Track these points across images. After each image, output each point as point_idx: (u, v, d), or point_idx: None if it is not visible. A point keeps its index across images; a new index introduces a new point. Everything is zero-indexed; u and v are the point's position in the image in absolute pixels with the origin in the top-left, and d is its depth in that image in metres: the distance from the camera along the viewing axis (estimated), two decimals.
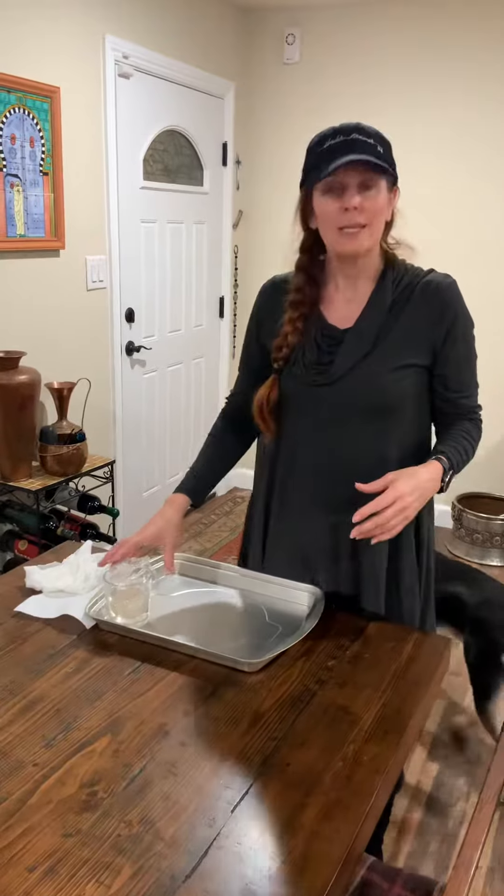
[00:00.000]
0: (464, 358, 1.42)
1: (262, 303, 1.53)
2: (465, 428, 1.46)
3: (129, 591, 1.40)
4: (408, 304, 1.39)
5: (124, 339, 3.33)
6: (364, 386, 1.38)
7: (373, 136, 1.29)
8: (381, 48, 3.64)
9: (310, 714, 1.17)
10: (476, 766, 2.21)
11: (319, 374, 1.41)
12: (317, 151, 1.30)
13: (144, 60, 3.15)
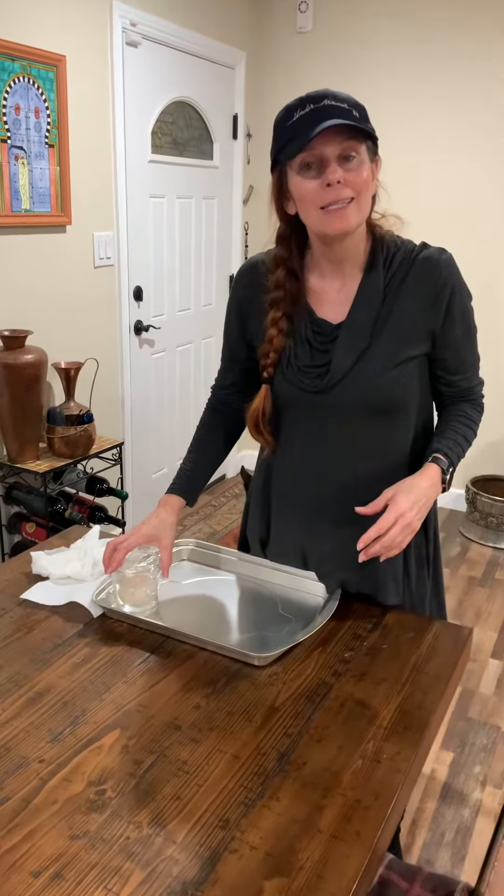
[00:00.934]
0: (463, 337, 1.32)
1: (242, 292, 1.39)
2: (463, 411, 1.38)
3: (137, 578, 1.35)
4: (402, 287, 1.27)
5: (132, 318, 3.27)
6: (365, 387, 1.27)
7: (346, 101, 1.15)
8: (396, 15, 3.52)
9: (326, 709, 1.12)
10: (491, 755, 2.17)
11: (316, 379, 1.29)
12: (286, 126, 1.17)
13: (153, 28, 3.05)
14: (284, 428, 1.39)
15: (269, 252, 1.36)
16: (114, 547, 1.34)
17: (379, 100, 3.57)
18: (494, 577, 3.25)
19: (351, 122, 1.13)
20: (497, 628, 2.85)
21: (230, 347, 1.48)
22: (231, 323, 1.44)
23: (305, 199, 1.19)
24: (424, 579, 1.46)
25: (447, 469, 1.30)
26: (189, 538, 1.58)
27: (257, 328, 1.36)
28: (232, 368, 1.50)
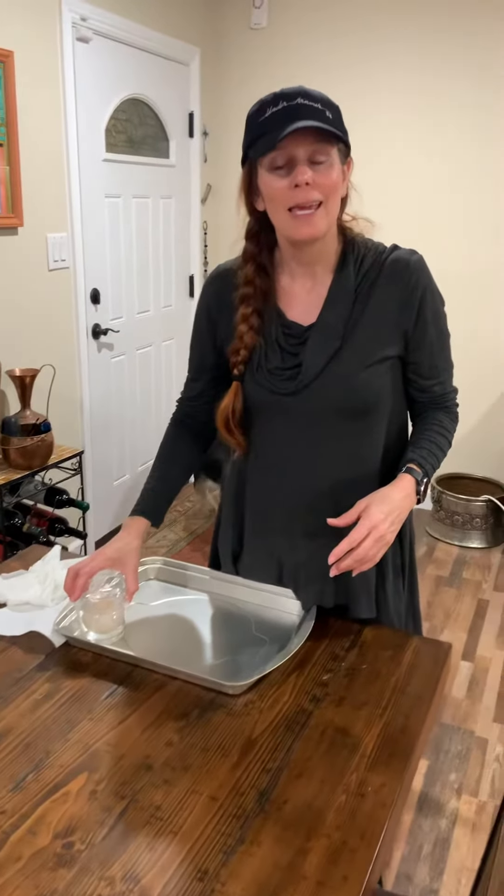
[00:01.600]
0: (436, 341, 1.29)
1: (211, 298, 1.35)
2: (438, 419, 1.34)
3: (102, 603, 1.27)
4: (373, 289, 1.24)
5: (90, 321, 3.17)
6: (337, 389, 1.24)
7: (319, 101, 1.12)
8: (353, 12, 3.49)
9: (306, 739, 1.07)
10: (466, 762, 2.15)
11: (286, 381, 1.26)
12: (257, 122, 1.14)
13: (104, 23, 2.96)
14: (256, 432, 1.34)
15: (237, 259, 1.32)
16: (76, 572, 1.26)
17: (334, 97, 3.52)
18: (462, 577, 3.24)
19: (323, 123, 1.10)
20: (466, 629, 2.83)
21: (199, 356, 1.41)
22: (200, 330, 1.38)
23: (274, 199, 1.16)
24: (400, 591, 1.42)
25: (421, 480, 1.25)
26: (156, 556, 1.51)
27: (228, 334, 1.31)
28: (200, 378, 1.43)
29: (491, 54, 3.31)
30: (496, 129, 3.39)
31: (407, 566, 1.44)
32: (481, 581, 3.21)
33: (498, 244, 3.50)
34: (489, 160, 3.43)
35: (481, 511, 3.49)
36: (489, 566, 3.35)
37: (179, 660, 1.21)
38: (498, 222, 3.49)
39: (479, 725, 2.28)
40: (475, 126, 3.41)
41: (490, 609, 2.98)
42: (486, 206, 3.49)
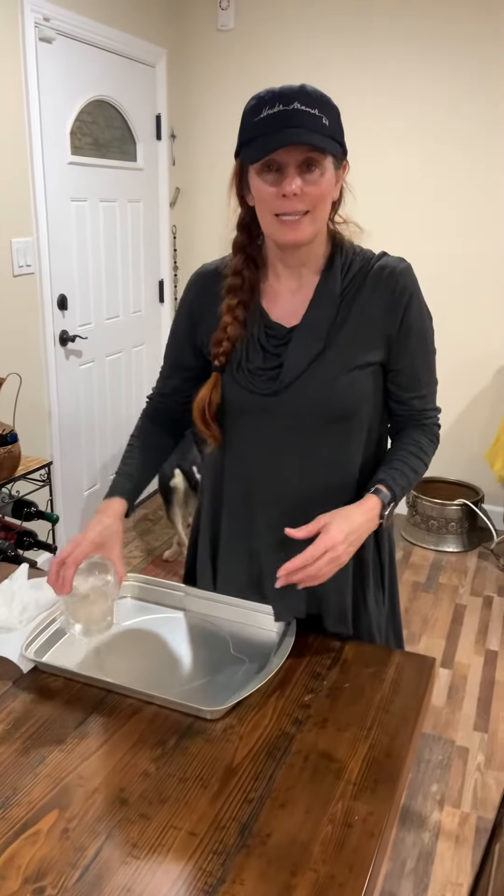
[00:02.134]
0: (419, 351, 1.25)
1: (194, 297, 1.32)
2: (415, 439, 1.29)
3: (93, 593, 1.20)
4: (359, 294, 1.21)
5: (57, 328, 3.10)
6: (318, 391, 1.21)
7: (317, 104, 1.08)
8: (321, 14, 3.46)
9: (289, 766, 1.02)
10: (447, 772, 2.12)
11: (267, 381, 1.23)
12: (252, 122, 1.10)
13: (68, 23, 2.90)
14: (232, 432, 1.31)
15: (221, 260, 1.30)
16: (61, 562, 1.18)
17: None
18: (438, 581, 3.22)
19: (317, 133, 1.07)
20: (444, 635, 2.81)
21: (175, 353, 1.38)
22: (179, 327, 1.35)
23: (262, 202, 1.15)
24: (380, 604, 1.39)
25: (388, 503, 1.22)
26: (131, 574, 1.45)
27: (209, 333, 1.28)
28: (174, 376, 1.39)
29: (464, 50, 3.31)
30: (478, 130, 3.39)
31: (387, 578, 1.40)
32: (458, 586, 3.19)
33: (471, 246, 3.50)
34: (470, 159, 3.42)
35: (456, 515, 3.48)
36: (465, 570, 3.33)
37: (155, 683, 1.16)
38: (482, 224, 3.49)
39: (459, 734, 2.26)
40: (455, 127, 3.40)
41: (467, 614, 2.97)
42: (471, 207, 3.49)
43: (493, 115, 3.32)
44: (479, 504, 3.55)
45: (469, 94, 3.34)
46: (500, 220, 3.43)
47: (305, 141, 1.06)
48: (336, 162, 1.14)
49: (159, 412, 1.43)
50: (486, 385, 3.63)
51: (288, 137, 1.06)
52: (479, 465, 3.70)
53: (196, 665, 1.24)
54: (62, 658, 1.23)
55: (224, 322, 1.24)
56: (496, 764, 2.15)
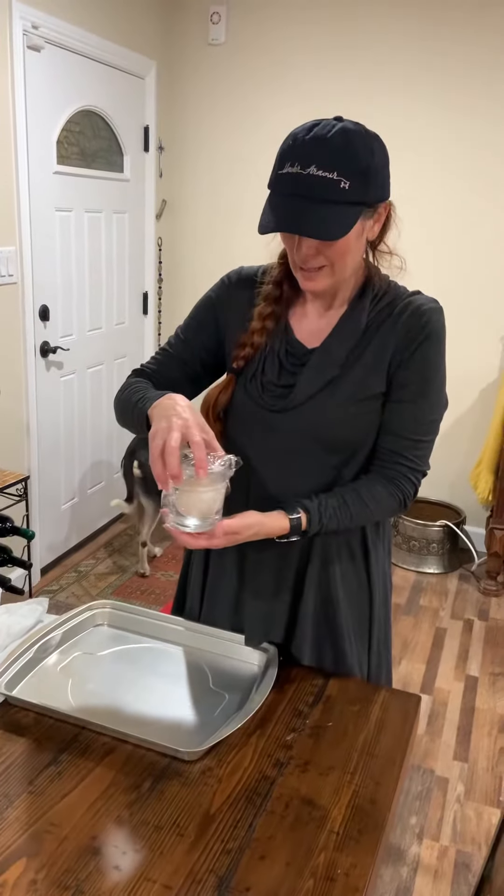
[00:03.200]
0: (417, 392, 1.18)
1: (226, 296, 1.29)
2: (371, 489, 1.20)
3: (211, 476, 1.05)
4: (383, 326, 1.19)
5: (38, 339, 3.04)
6: (324, 418, 1.19)
7: (338, 164, 1.03)
8: (312, 29, 3.46)
9: (269, 813, 0.98)
10: (427, 803, 2.08)
11: (277, 398, 1.21)
12: (276, 172, 1.08)
13: (57, 32, 2.86)
14: (231, 440, 1.27)
15: (261, 266, 1.30)
16: (160, 453, 1.04)
17: (291, 116, 3.49)
18: (419, 604, 3.20)
19: (327, 208, 1.04)
20: (425, 660, 2.78)
21: (183, 342, 1.32)
22: (198, 317, 1.31)
23: (287, 250, 1.17)
24: (364, 637, 1.34)
25: (299, 528, 1.17)
26: (107, 601, 1.41)
27: (233, 335, 1.26)
28: (169, 363, 1.32)
29: (442, 67, 3.32)
30: (458, 148, 3.39)
31: (377, 606, 1.35)
32: (438, 608, 3.17)
33: (455, 269, 3.50)
34: (452, 175, 3.43)
35: (438, 536, 3.46)
36: (446, 592, 3.31)
37: (131, 719, 1.12)
38: (465, 249, 3.49)
39: (439, 764, 2.22)
40: (449, 146, 3.41)
41: (448, 638, 2.94)
42: (454, 233, 3.49)
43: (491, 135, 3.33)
44: (461, 525, 3.54)
45: (458, 110, 3.35)
46: (482, 245, 3.43)
47: (307, 234, 1.06)
48: (366, 214, 1.10)
49: (149, 378, 1.33)
50: (469, 406, 3.63)
51: (291, 223, 1.06)
52: (462, 486, 3.68)
53: (173, 700, 1.19)
54: (34, 690, 1.18)
55: (253, 327, 1.24)
56: (476, 795, 2.11)
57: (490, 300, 3.49)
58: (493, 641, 2.93)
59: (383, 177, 1.11)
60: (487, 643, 2.92)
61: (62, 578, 3.24)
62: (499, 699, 2.56)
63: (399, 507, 1.24)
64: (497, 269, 3.45)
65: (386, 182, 1.12)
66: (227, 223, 3.80)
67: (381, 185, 1.10)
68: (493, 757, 2.27)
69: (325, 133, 1.05)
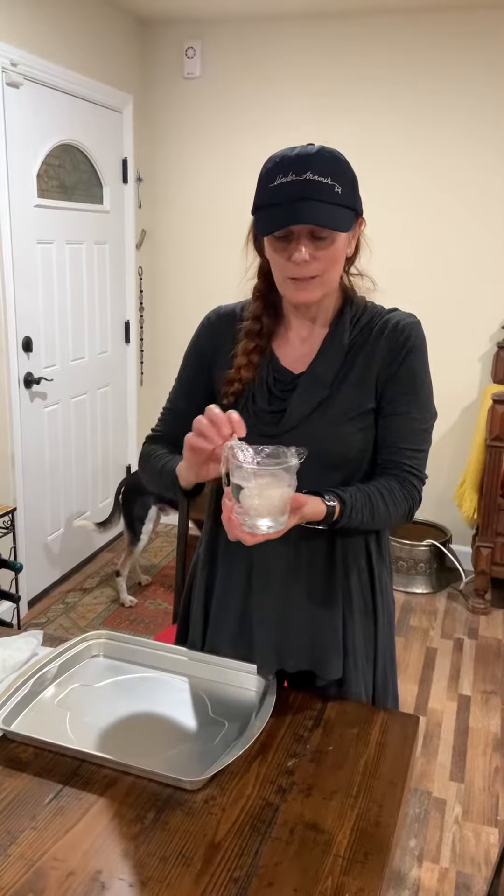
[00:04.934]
0: (407, 404, 1.23)
1: (208, 340, 1.33)
2: (387, 483, 1.23)
3: (281, 473, 1.01)
4: (366, 344, 1.24)
5: (22, 370, 3.05)
6: (318, 438, 1.21)
7: (331, 172, 1.10)
8: (285, 64, 3.54)
9: (275, 839, 0.98)
10: (425, 825, 2.07)
11: (270, 425, 1.24)
12: (267, 187, 1.13)
13: (35, 69, 2.90)
14: None
15: (239, 303, 1.33)
16: (212, 415, 1.05)
17: (265, 147, 3.56)
18: (409, 624, 3.20)
19: (328, 205, 1.10)
20: (417, 680, 2.78)
21: (188, 389, 1.35)
22: (189, 366, 1.35)
23: (274, 264, 1.19)
24: (370, 658, 1.35)
25: (331, 518, 1.17)
26: (102, 632, 1.40)
27: (222, 374, 1.29)
28: (185, 411, 1.32)
29: (411, 96, 3.40)
30: (437, 173, 3.47)
31: (382, 627, 1.36)
32: (428, 628, 3.18)
33: (440, 289, 3.56)
34: (432, 210, 3.50)
35: (425, 556, 3.48)
36: (435, 612, 3.32)
37: (131, 750, 1.11)
38: (450, 268, 3.55)
39: (436, 785, 2.22)
40: (407, 164, 3.48)
41: (438, 657, 2.95)
42: (436, 251, 3.55)
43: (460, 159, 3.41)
44: (448, 544, 3.56)
45: (436, 129, 3.43)
46: (461, 266, 3.50)
47: (313, 222, 1.09)
48: (350, 223, 1.16)
49: (164, 443, 1.36)
50: (451, 425, 3.67)
51: (297, 216, 1.10)
52: (447, 505, 3.71)
53: (173, 729, 1.19)
54: (32, 725, 1.17)
55: (238, 363, 1.26)
56: (474, 815, 2.11)
57: (469, 320, 3.55)
58: (484, 660, 2.94)
59: (359, 193, 1.18)
60: (478, 661, 2.93)
61: (50, 610, 3.21)
62: (492, 718, 2.56)
63: (408, 512, 1.27)
64: (475, 290, 3.52)
65: (360, 199, 1.19)
66: (206, 251, 3.84)
67: (359, 198, 1.18)
68: (488, 776, 2.27)
69: (310, 150, 1.13)
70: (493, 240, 3.44)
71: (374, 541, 1.32)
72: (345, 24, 3.41)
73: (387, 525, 1.29)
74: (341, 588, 1.29)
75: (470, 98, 3.34)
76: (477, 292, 3.52)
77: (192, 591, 1.42)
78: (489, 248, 3.45)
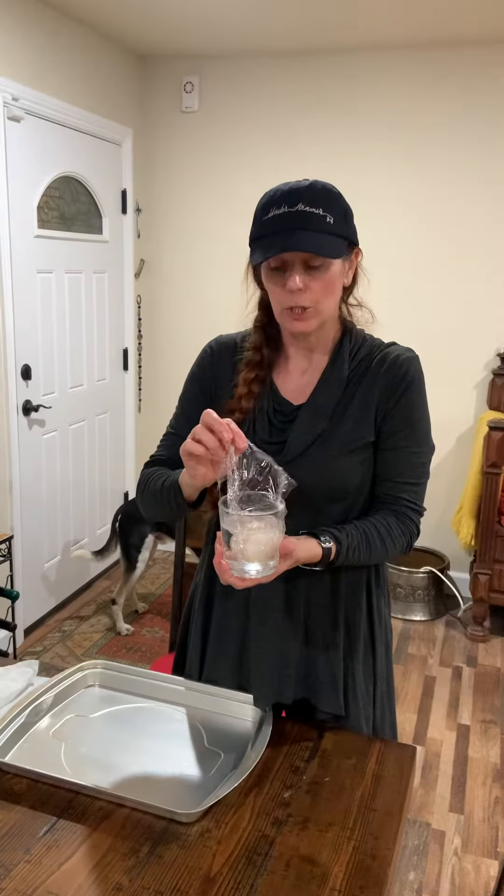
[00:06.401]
0: (406, 438, 1.24)
1: (210, 366, 1.33)
2: (385, 519, 1.24)
3: (259, 520, 1.03)
4: (365, 377, 1.25)
5: (21, 398, 3.07)
6: (318, 470, 1.22)
7: (323, 203, 1.13)
8: (281, 99, 3.61)
9: (270, 873, 0.97)
10: (424, 857, 2.05)
11: (270, 455, 1.24)
12: (261, 220, 1.16)
13: (36, 103, 2.96)
14: None
15: (240, 333, 1.35)
16: (213, 422, 1.06)
17: (262, 180, 3.62)
18: (407, 652, 3.19)
19: (321, 234, 1.12)
20: (416, 709, 2.76)
21: (187, 420, 1.33)
22: (191, 400, 1.34)
23: (271, 295, 1.21)
24: (370, 692, 1.34)
25: (327, 559, 1.18)
26: (97, 661, 1.40)
27: (221, 405, 1.29)
28: (177, 444, 1.32)
29: (411, 128, 3.47)
30: (430, 207, 3.52)
31: (381, 662, 1.36)
32: (427, 656, 3.16)
33: (436, 318, 3.59)
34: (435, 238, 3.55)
35: (423, 583, 3.47)
36: (433, 639, 3.31)
37: (126, 782, 1.11)
38: (444, 298, 3.59)
39: (434, 817, 2.19)
40: (404, 198, 3.53)
41: (437, 686, 2.93)
42: (429, 282, 3.59)
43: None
44: (446, 571, 3.55)
45: (430, 162, 3.49)
46: (457, 295, 3.54)
47: (304, 249, 1.12)
48: (344, 253, 1.18)
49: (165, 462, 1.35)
50: (447, 452, 3.68)
51: (288, 244, 1.12)
52: (444, 532, 3.72)
53: (169, 760, 1.18)
54: (27, 756, 1.16)
55: (239, 393, 1.27)
56: (473, 847, 2.08)
57: (466, 349, 3.58)
58: (483, 688, 2.93)
59: (354, 224, 1.20)
60: (477, 690, 2.91)
61: (46, 639, 3.19)
62: (491, 747, 2.54)
63: (406, 546, 1.27)
64: (471, 318, 3.56)
65: (356, 230, 1.21)
66: (203, 280, 3.89)
67: (354, 229, 1.20)
68: (488, 807, 2.25)
69: (302, 184, 1.15)
70: (489, 268, 3.48)
71: (374, 571, 1.33)
72: (341, 61, 3.48)
73: (384, 560, 1.29)
74: (342, 620, 1.29)
75: (464, 132, 3.40)
76: (473, 320, 3.55)
77: (190, 621, 1.42)
78: (485, 277, 3.50)
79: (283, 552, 1.09)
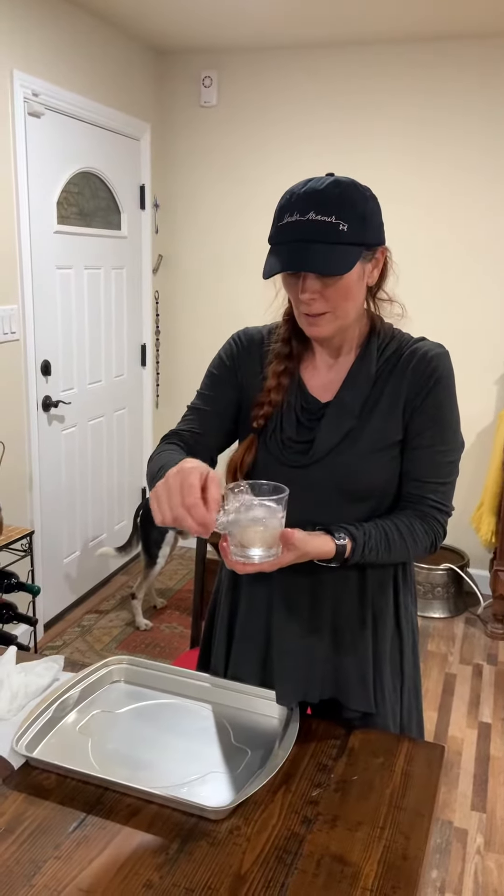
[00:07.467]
0: (433, 436, 1.22)
1: (238, 356, 1.31)
2: (408, 520, 1.22)
3: (262, 509, 1.06)
4: (392, 374, 1.22)
5: (40, 394, 3.07)
6: (346, 469, 1.21)
7: (336, 209, 1.09)
8: (300, 92, 3.59)
9: (301, 872, 0.96)
10: (446, 856, 2.03)
11: (297, 454, 1.23)
12: (276, 224, 1.14)
13: (56, 99, 2.96)
14: None
15: (266, 326, 1.33)
16: (193, 480, 1.00)
17: (281, 174, 3.60)
18: (427, 650, 3.17)
19: (331, 245, 1.08)
20: (436, 707, 2.75)
21: (212, 396, 1.33)
22: (215, 375, 1.33)
23: (290, 297, 1.21)
24: (397, 690, 1.33)
25: (344, 552, 1.16)
26: (122, 656, 1.40)
27: (253, 382, 1.29)
28: (205, 416, 1.33)
29: (434, 122, 3.44)
30: (453, 200, 3.49)
31: (409, 659, 1.35)
32: (447, 653, 3.14)
33: (456, 316, 3.57)
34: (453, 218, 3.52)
35: (442, 580, 3.45)
36: (453, 637, 3.29)
37: (154, 778, 1.10)
38: (462, 297, 3.57)
39: (457, 815, 2.18)
40: (428, 191, 3.51)
41: (458, 683, 2.91)
42: (452, 282, 3.57)
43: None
44: (465, 568, 3.53)
45: (450, 164, 3.46)
46: (477, 290, 3.51)
47: (309, 269, 1.09)
48: (365, 255, 1.14)
49: (183, 443, 1.32)
50: (468, 449, 3.64)
51: (292, 262, 1.10)
52: (464, 528, 3.69)
53: (196, 757, 1.18)
54: (54, 751, 1.16)
55: (268, 385, 1.26)
56: (496, 846, 2.07)
57: (485, 345, 3.55)
58: (503, 686, 2.90)
59: (378, 222, 1.17)
60: (498, 688, 2.89)
61: (65, 634, 3.20)
62: None
63: (430, 546, 1.25)
64: (491, 314, 3.52)
65: (381, 228, 1.18)
66: (221, 276, 3.88)
67: (376, 229, 1.16)
68: None
69: (319, 185, 1.11)
70: None
71: (401, 569, 1.31)
72: (362, 53, 3.46)
73: (406, 559, 1.28)
74: (370, 619, 1.28)
75: (485, 129, 3.37)
76: (493, 315, 3.52)
77: (215, 617, 1.42)
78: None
79: (284, 541, 1.09)
